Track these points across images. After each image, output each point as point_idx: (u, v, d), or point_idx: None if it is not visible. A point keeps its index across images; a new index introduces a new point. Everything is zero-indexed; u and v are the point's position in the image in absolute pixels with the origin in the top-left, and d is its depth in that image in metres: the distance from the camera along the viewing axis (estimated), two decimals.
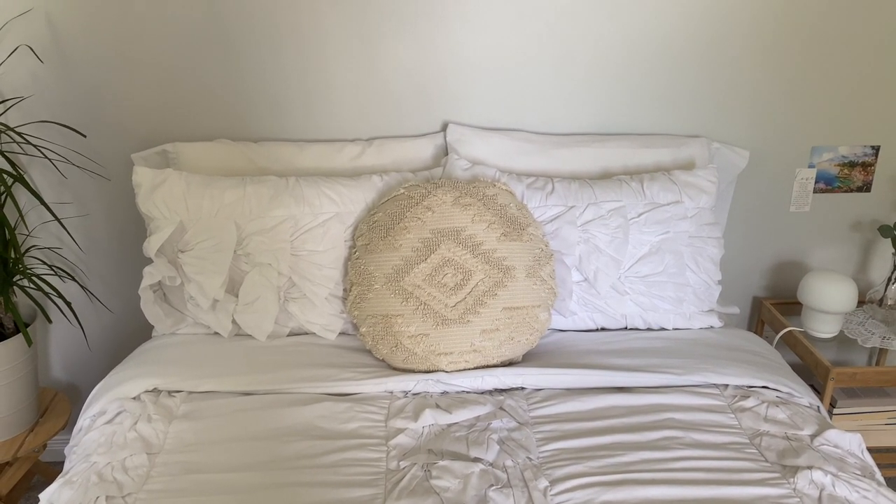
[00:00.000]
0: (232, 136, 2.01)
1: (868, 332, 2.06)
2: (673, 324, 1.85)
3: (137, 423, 1.50)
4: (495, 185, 1.75)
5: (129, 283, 2.14)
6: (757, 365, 1.70)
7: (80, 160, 2.00)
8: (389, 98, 2.01)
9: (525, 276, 1.67)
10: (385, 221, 1.71)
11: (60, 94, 1.94)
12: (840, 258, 2.25)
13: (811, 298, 2.02)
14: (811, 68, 2.03)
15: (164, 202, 1.77)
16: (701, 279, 1.85)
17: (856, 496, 1.32)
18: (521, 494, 1.33)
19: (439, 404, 1.57)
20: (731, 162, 2.05)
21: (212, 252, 1.75)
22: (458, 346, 1.64)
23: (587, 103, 2.04)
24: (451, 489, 1.33)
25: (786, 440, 1.47)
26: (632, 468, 1.37)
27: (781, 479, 1.36)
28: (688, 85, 2.03)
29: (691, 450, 1.42)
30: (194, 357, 1.70)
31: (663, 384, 1.62)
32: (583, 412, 1.55)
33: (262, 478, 1.36)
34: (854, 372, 1.91)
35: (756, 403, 1.58)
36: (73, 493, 1.35)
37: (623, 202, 1.82)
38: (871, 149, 2.14)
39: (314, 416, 1.53)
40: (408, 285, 1.65)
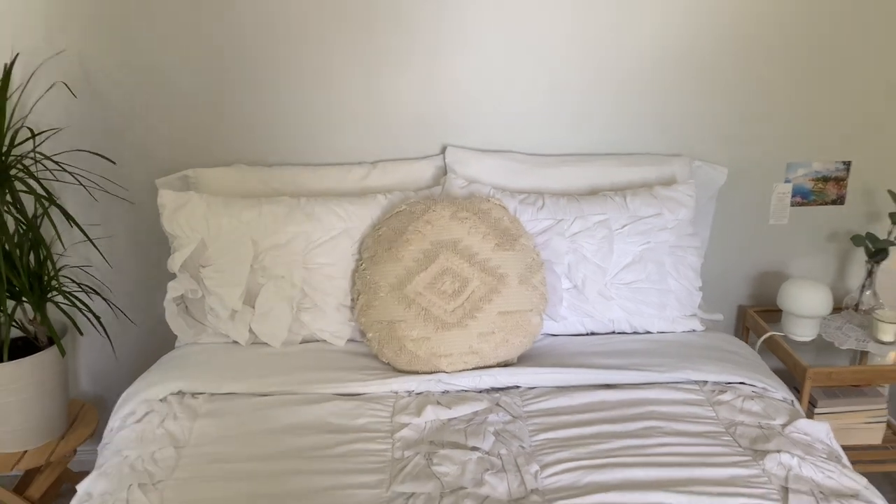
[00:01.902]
0: (247, 161, 2.18)
1: (845, 336, 2.19)
2: (657, 327, 1.99)
3: (164, 421, 1.65)
4: (489, 201, 1.90)
5: (151, 298, 2.30)
6: (734, 363, 1.83)
7: (107, 185, 2.17)
8: (392, 124, 2.18)
9: (518, 282, 1.82)
10: (389, 235, 1.86)
11: (90, 126, 2.12)
12: (818, 267, 2.39)
13: (789, 304, 2.16)
14: (784, 90, 2.19)
15: (186, 222, 1.94)
16: (682, 286, 1.99)
17: (820, 476, 1.45)
18: (514, 478, 1.46)
19: (440, 401, 1.71)
20: (711, 178, 2.20)
21: (231, 266, 1.91)
22: (458, 348, 1.78)
23: (575, 127, 2.20)
24: (450, 474, 1.47)
25: (758, 429, 1.60)
26: (615, 454, 1.50)
27: (752, 462, 1.48)
28: (670, 108, 2.19)
29: (670, 437, 1.55)
30: (215, 363, 1.85)
31: (646, 381, 1.76)
32: (572, 406, 1.69)
33: (280, 466, 1.50)
34: (830, 371, 2.03)
35: (733, 397, 1.71)
36: (107, 482, 1.49)
37: (607, 215, 1.97)
38: (842, 164, 2.29)
39: (325, 414, 1.67)
40: (410, 293, 1.80)
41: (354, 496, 1.42)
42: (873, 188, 2.31)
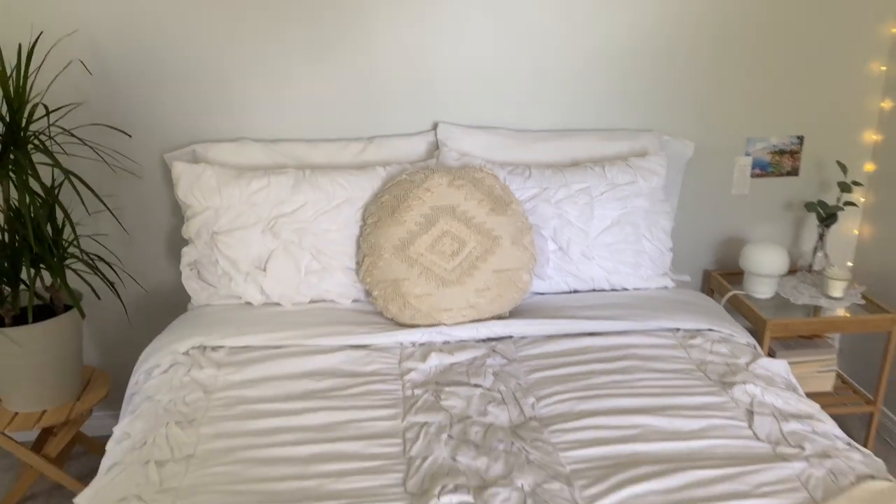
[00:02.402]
0: (251, 136, 2.32)
1: (799, 293, 2.42)
2: (633, 284, 2.19)
3: (191, 370, 1.80)
4: (482, 171, 2.08)
5: (158, 266, 2.43)
6: (703, 314, 2.04)
7: (118, 159, 2.29)
8: (387, 102, 2.34)
9: (510, 243, 2.00)
10: (391, 202, 2.03)
11: (100, 103, 2.23)
12: (776, 233, 2.63)
13: (750, 265, 2.38)
14: (744, 71, 2.41)
15: (200, 192, 2.07)
16: (655, 246, 2.20)
17: (780, 402, 1.67)
18: (514, 408, 1.65)
19: (442, 349, 1.89)
20: (679, 152, 2.41)
21: (243, 233, 2.06)
22: (457, 303, 1.96)
23: (557, 104, 2.39)
24: (457, 407, 1.65)
25: (726, 366, 1.81)
26: (601, 387, 1.70)
27: (721, 392, 1.70)
28: (642, 87, 2.40)
29: (649, 373, 1.76)
30: (230, 321, 2.00)
31: (625, 329, 1.96)
32: (561, 351, 1.88)
33: (303, 405, 1.66)
34: (787, 323, 2.26)
35: (702, 342, 1.92)
36: (143, 422, 1.64)
37: (588, 184, 2.17)
38: (797, 139, 2.53)
39: (338, 362, 1.84)
40: (413, 254, 1.97)
41: (375, 426, 1.59)
42: (824, 160, 2.55)
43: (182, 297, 2.47)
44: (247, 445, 1.54)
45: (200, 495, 1.39)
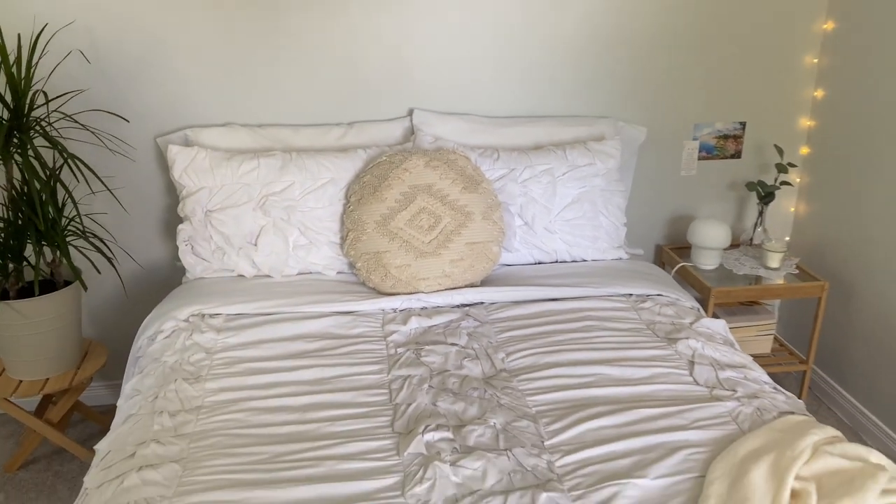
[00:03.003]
0: (239, 121, 2.48)
1: (741, 265, 2.68)
2: (591, 256, 2.42)
3: (192, 335, 1.97)
4: (455, 153, 2.28)
5: (152, 244, 2.58)
6: (653, 281, 2.28)
7: (114, 143, 2.44)
8: (366, 91, 2.52)
9: (481, 219, 2.21)
10: (373, 181, 2.22)
11: (98, 90, 2.37)
12: (721, 211, 2.88)
13: (697, 238, 2.63)
14: (692, 63, 2.64)
15: (194, 173, 2.24)
16: (611, 222, 2.43)
17: (718, 354, 1.91)
18: (486, 362, 1.86)
19: (421, 314, 2.09)
20: (632, 137, 2.64)
21: (235, 210, 2.23)
22: (433, 272, 2.16)
23: (522, 93, 2.60)
24: (436, 362, 1.86)
25: (672, 325, 2.05)
26: (563, 343, 1.92)
27: (667, 346, 1.93)
28: (599, 77, 2.62)
29: (604, 332, 1.99)
30: (225, 291, 2.17)
31: (584, 295, 2.18)
32: (527, 314, 2.10)
33: (296, 363, 1.85)
34: (729, 291, 2.52)
35: (652, 305, 2.16)
36: (152, 380, 1.81)
37: (551, 165, 2.38)
38: (739, 124, 2.78)
39: (326, 326, 2.03)
40: (393, 228, 2.17)
41: (363, 380, 1.80)
42: (763, 144, 2.81)
43: (173, 274, 2.64)
44: (248, 397, 1.73)
45: (211, 438, 1.58)
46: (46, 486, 2.36)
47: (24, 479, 2.40)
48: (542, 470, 1.46)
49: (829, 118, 2.71)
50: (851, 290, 2.64)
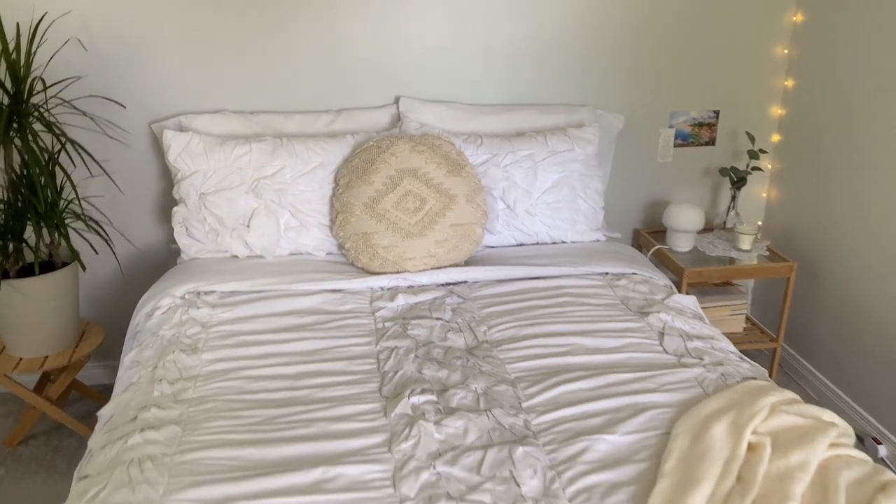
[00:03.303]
0: (231, 108, 2.57)
1: (714, 247, 2.80)
2: (570, 238, 2.53)
3: (189, 310, 2.06)
4: (440, 138, 2.38)
5: (146, 227, 2.67)
6: (628, 261, 2.39)
7: (109, 129, 2.52)
8: (353, 79, 2.62)
9: (465, 201, 2.31)
10: (361, 165, 2.32)
11: (94, 78, 2.45)
12: (695, 196, 3.00)
13: (672, 222, 2.74)
14: (668, 54, 2.75)
15: (189, 157, 2.33)
16: (589, 205, 2.54)
17: (687, 327, 2.02)
18: (469, 334, 1.97)
19: (408, 292, 2.19)
20: (611, 124, 2.75)
21: (228, 193, 2.32)
22: (419, 252, 2.27)
23: (504, 82, 2.70)
24: (421, 335, 1.96)
25: (644, 301, 2.17)
26: (541, 317, 2.03)
27: (639, 319, 2.05)
28: (578, 67, 2.72)
29: (580, 307, 2.10)
30: (219, 270, 2.26)
31: (562, 273, 2.29)
32: (508, 291, 2.21)
33: (289, 335, 1.95)
34: (701, 271, 2.64)
35: (626, 283, 2.27)
36: (152, 352, 1.90)
37: (532, 151, 2.49)
38: (713, 112, 2.89)
39: (317, 302, 2.13)
40: (380, 210, 2.27)
41: (352, 350, 1.90)
42: (736, 131, 2.93)
43: (168, 257, 2.73)
44: (244, 367, 1.82)
45: (209, 403, 1.68)
46: (46, 461, 2.45)
47: (24, 454, 2.48)
48: (519, 428, 1.57)
49: (800, 107, 2.83)
50: (819, 271, 2.77)
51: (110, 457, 1.51)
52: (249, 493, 1.39)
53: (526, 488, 1.39)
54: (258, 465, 1.47)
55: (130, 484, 1.40)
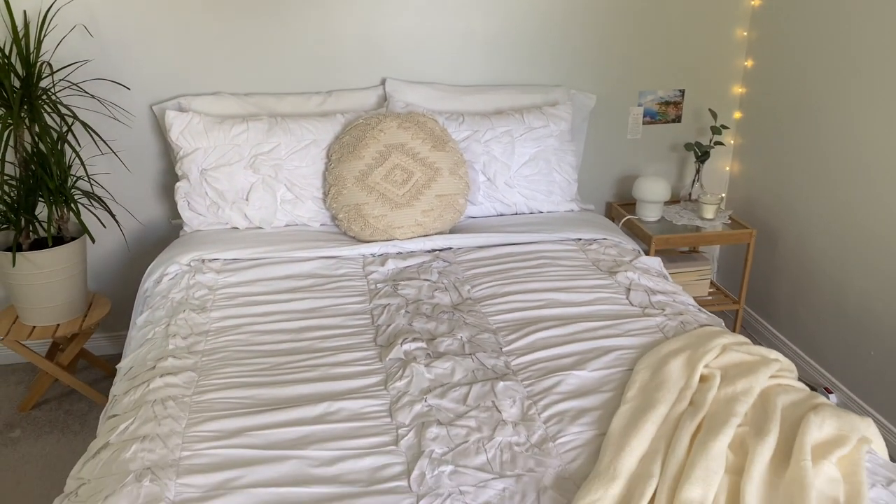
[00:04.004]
0: (227, 90, 2.73)
1: (680, 217, 3.01)
2: (546, 208, 2.73)
3: (195, 275, 2.24)
4: (425, 116, 2.57)
5: (148, 203, 2.83)
6: (600, 228, 2.59)
7: (112, 110, 2.68)
8: (342, 62, 2.79)
9: (449, 174, 2.50)
10: (351, 141, 2.49)
11: (98, 62, 2.61)
12: (663, 171, 3.21)
13: (640, 193, 2.95)
14: (635, 35, 2.95)
15: (190, 135, 2.49)
16: (563, 178, 2.74)
17: (651, 283, 2.23)
18: (454, 293, 2.16)
19: (397, 257, 2.38)
20: (583, 103, 2.95)
21: (228, 169, 2.49)
22: (407, 221, 2.45)
23: (484, 64, 2.89)
24: (410, 294, 2.15)
25: (613, 262, 2.37)
26: (519, 277, 2.23)
27: (608, 277, 2.25)
28: (553, 50, 2.91)
29: (555, 268, 2.29)
30: (221, 240, 2.43)
31: (539, 239, 2.49)
32: (490, 256, 2.40)
33: (288, 296, 2.13)
34: (668, 238, 2.84)
35: (597, 247, 2.47)
36: (163, 312, 2.08)
37: (510, 127, 2.68)
38: (679, 91, 3.10)
39: (314, 268, 2.31)
40: (371, 183, 2.45)
41: (348, 308, 2.08)
42: (701, 109, 3.14)
43: (170, 232, 2.89)
44: (249, 323, 2.00)
45: (220, 353, 1.86)
46: (59, 423, 2.61)
47: (38, 417, 2.64)
48: (500, 367, 1.77)
49: (759, 85, 3.04)
50: (777, 239, 2.99)
51: (135, 398, 1.68)
52: (262, 425, 1.57)
53: (506, 414, 1.59)
54: (269, 403, 1.65)
55: (156, 419, 1.58)
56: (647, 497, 1.30)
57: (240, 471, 1.43)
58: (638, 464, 1.39)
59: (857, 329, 2.61)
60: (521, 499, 1.36)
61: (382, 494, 1.38)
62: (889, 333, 2.46)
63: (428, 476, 1.41)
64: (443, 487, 1.38)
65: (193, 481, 1.40)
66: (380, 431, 1.56)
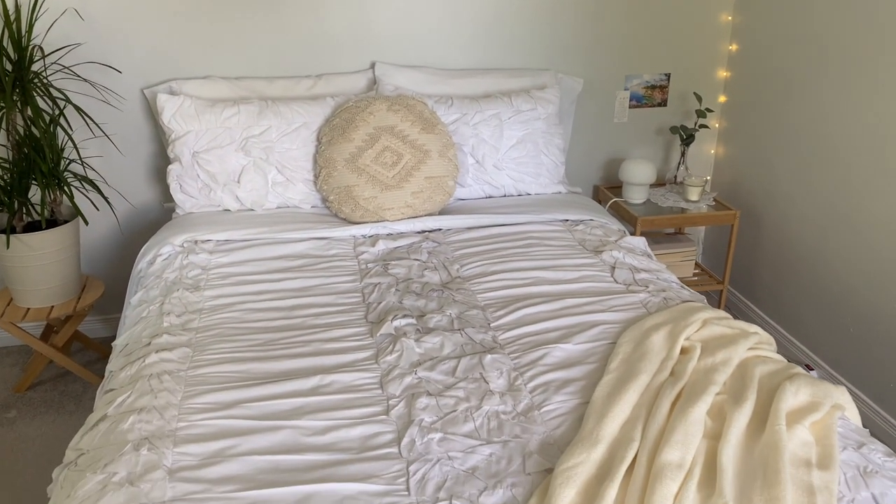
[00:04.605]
0: (218, 74, 2.76)
1: (665, 199, 3.06)
2: (534, 190, 2.77)
3: (189, 256, 2.27)
4: (414, 99, 2.60)
5: (140, 187, 2.85)
6: (586, 209, 2.64)
7: (104, 94, 2.70)
8: (332, 46, 2.81)
9: (438, 156, 2.54)
10: (342, 124, 2.53)
11: (89, 46, 2.62)
12: (650, 154, 3.26)
13: (626, 176, 3.00)
14: (622, 19, 2.99)
15: (182, 118, 2.52)
16: (551, 160, 2.78)
17: (636, 262, 2.28)
18: (444, 272, 2.21)
19: (387, 238, 2.42)
20: (571, 87, 2.99)
21: (219, 151, 2.52)
22: (397, 203, 2.49)
23: (472, 48, 2.92)
24: (401, 273, 2.19)
25: (599, 242, 2.42)
26: (507, 256, 2.27)
27: (594, 257, 2.30)
28: (541, 34, 2.95)
29: (542, 248, 2.34)
30: (213, 222, 2.46)
31: (527, 220, 2.53)
32: (478, 237, 2.44)
33: (281, 276, 2.17)
34: (653, 219, 2.90)
35: (584, 228, 2.52)
36: (157, 291, 2.11)
37: (499, 110, 2.72)
38: (664, 75, 3.14)
39: (305, 248, 2.35)
40: (361, 165, 2.49)
41: (339, 286, 2.13)
42: (686, 93, 3.18)
43: (162, 216, 2.92)
44: (242, 301, 2.04)
45: (215, 330, 1.90)
46: (54, 403, 2.65)
47: (34, 398, 2.68)
48: (488, 341, 1.82)
49: (743, 69, 3.09)
50: (761, 220, 3.05)
51: (131, 373, 1.72)
52: (256, 397, 1.61)
53: (493, 385, 1.64)
54: (262, 376, 1.69)
55: (152, 392, 1.62)
56: (628, 460, 1.35)
57: (235, 440, 1.48)
58: (620, 429, 1.45)
59: (836, 307, 2.67)
60: (507, 463, 1.41)
61: (374, 461, 1.43)
62: (867, 310, 2.52)
63: (418, 443, 1.46)
64: (432, 453, 1.43)
65: (190, 450, 1.45)
66: (371, 402, 1.61)
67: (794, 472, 1.32)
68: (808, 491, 1.29)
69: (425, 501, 1.32)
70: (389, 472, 1.40)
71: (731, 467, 1.33)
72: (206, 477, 1.38)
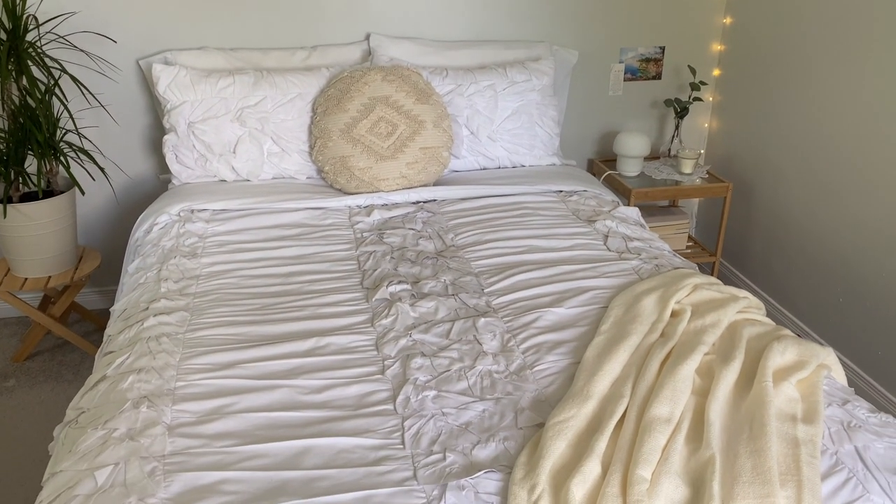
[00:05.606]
0: (213, 45, 2.76)
1: (659, 171, 3.08)
2: (528, 162, 2.79)
3: (185, 224, 2.29)
4: (409, 69, 2.61)
5: (135, 158, 2.86)
6: (580, 181, 2.66)
7: (98, 64, 2.70)
8: (327, 17, 2.81)
9: (433, 127, 2.55)
10: (337, 94, 2.53)
11: (84, 16, 2.62)
12: (645, 127, 3.27)
13: (620, 148, 3.01)
14: None
15: (178, 89, 2.52)
16: (545, 132, 2.79)
17: (629, 231, 2.30)
18: (438, 241, 2.23)
19: (382, 208, 2.44)
20: (566, 59, 3.00)
21: (215, 122, 2.52)
22: (392, 174, 2.50)
23: (468, 19, 2.92)
24: (396, 242, 2.22)
25: (593, 211, 2.44)
26: (501, 226, 2.30)
27: (587, 226, 2.32)
28: (536, 6, 2.95)
29: (536, 217, 2.36)
30: (210, 191, 2.48)
31: (521, 191, 2.55)
32: (473, 207, 2.46)
33: (277, 244, 2.19)
34: (647, 191, 2.92)
35: (578, 198, 2.54)
36: (154, 258, 2.13)
37: (493, 81, 2.72)
38: (659, 48, 3.15)
39: (301, 218, 2.37)
40: (356, 135, 2.50)
41: (335, 254, 2.15)
42: (680, 66, 3.19)
43: (157, 187, 2.93)
44: (239, 268, 2.06)
45: (212, 295, 1.92)
46: (53, 372, 2.68)
47: (32, 368, 2.70)
48: (481, 306, 1.85)
49: (737, 42, 3.10)
50: (753, 193, 3.07)
51: (129, 336, 1.74)
52: (254, 358, 1.64)
53: (486, 346, 1.67)
54: (260, 339, 1.72)
55: (151, 353, 1.65)
56: (617, 415, 1.39)
57: (233, 398, 1.50)
58: (610, 386, 1.48)
59: (826, 278, 2.71)
60: (499, 419, 1.44)
61: (369, 417, 1.46)
62: (856, 280, 2.56)
63: (412, 400, 1.49)
64: (426, 410, 1.46)
65: (188, 407, 1.48)
66: (367, 363, 1.63)
67: (780, 426, 1.36)
68: (793, 443, 1.32)
69: (420, 454, 1.35)
70: (385, 427, 1.43)
71: (718, 421, 1.37)
72: (204, 433, 1.41)
